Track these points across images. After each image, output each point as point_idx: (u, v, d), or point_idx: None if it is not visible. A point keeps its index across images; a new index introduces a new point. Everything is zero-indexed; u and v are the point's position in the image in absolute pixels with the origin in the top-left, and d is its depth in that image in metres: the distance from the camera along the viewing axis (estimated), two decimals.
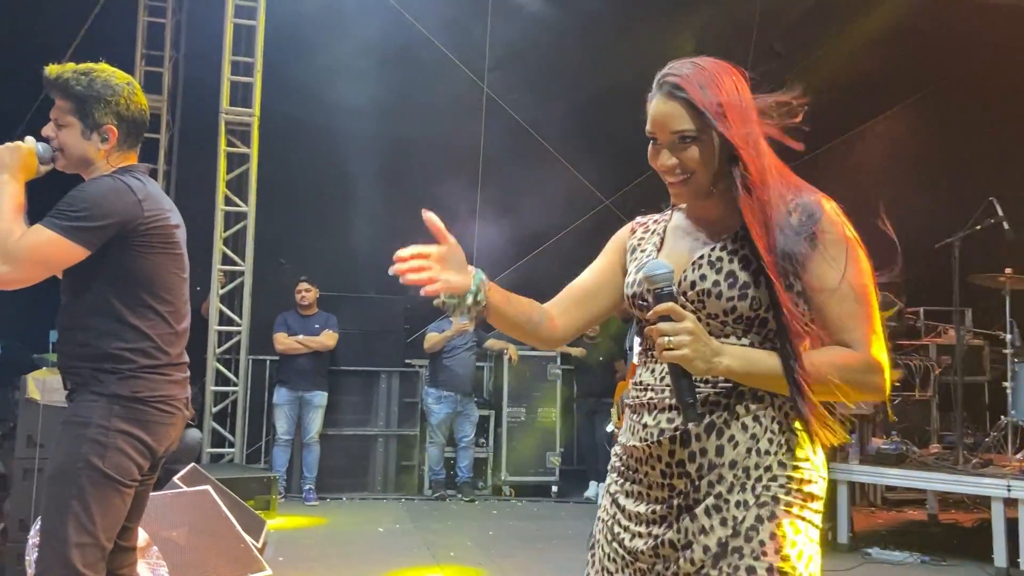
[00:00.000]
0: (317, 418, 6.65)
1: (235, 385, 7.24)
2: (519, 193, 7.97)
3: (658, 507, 1.47)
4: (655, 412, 1.49)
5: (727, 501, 1.41)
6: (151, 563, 2.92)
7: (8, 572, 6.76)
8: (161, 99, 7.79)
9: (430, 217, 1.45)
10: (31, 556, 2.92)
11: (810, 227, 1.42)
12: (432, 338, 7.01)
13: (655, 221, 1.68)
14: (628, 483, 1.55)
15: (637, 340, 4.20)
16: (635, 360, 4.11)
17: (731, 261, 1.46)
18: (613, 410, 4.61)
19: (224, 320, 7.24)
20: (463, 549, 5.19)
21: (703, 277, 1.47)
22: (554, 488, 7.15)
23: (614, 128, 7.91)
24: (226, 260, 7.23)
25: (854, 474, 5.42)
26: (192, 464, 5.06)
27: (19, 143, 2.22)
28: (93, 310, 2.22)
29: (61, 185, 2.29)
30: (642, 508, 1.49)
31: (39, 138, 2.27)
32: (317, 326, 6.71)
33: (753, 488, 1.40)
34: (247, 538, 4.14)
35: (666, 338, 1.35)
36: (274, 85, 7.27)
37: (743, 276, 1.44)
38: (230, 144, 7.24)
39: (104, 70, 2.29)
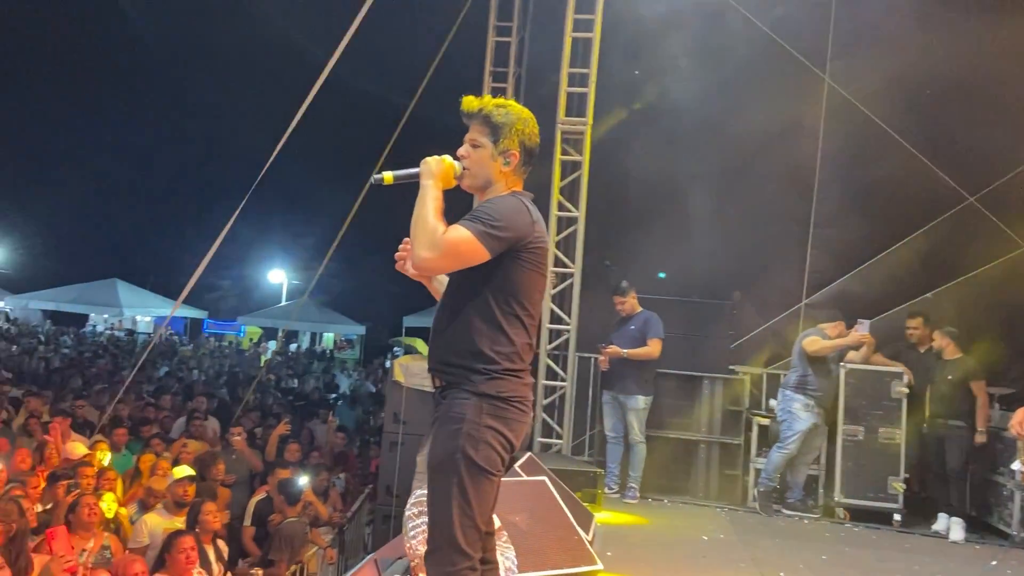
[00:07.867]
0: (635, 421, 6.67)
1: (564, 380, 7.62)
2: (864, 191, 7.37)
3: None
4: None
5: None
6: (501, 546, 3.18)
7: (375, 529, 7.86)
8: None
9: None
10: (409, 525, 3.34)
11: None
12: (818, 342, 6.55)
13: None
14: None
15: None
16: None
17: None
18: (1019, 444, 3.91)
19: (555, 319, 7.65)
20: (794, 572, 4.90)
21: None
22: (896, 516, 6.47)
23: (980, 120, 6.99)
24: (557, 262, 7.63)
25: None
26: (529, 454, 5.44)
27: (444, 156, 2.56)
28: (476, 311, 2.47)
29: None
30: None
31: (455, 157, 2.60)
32: (633, 327, 6.76)
33: None
34: (579, 531, 4.33)
35: None
36: (607, 93, 7.50)
37: None
38: (564, 152, 7.62)
39: (514, 104, 2.61)
